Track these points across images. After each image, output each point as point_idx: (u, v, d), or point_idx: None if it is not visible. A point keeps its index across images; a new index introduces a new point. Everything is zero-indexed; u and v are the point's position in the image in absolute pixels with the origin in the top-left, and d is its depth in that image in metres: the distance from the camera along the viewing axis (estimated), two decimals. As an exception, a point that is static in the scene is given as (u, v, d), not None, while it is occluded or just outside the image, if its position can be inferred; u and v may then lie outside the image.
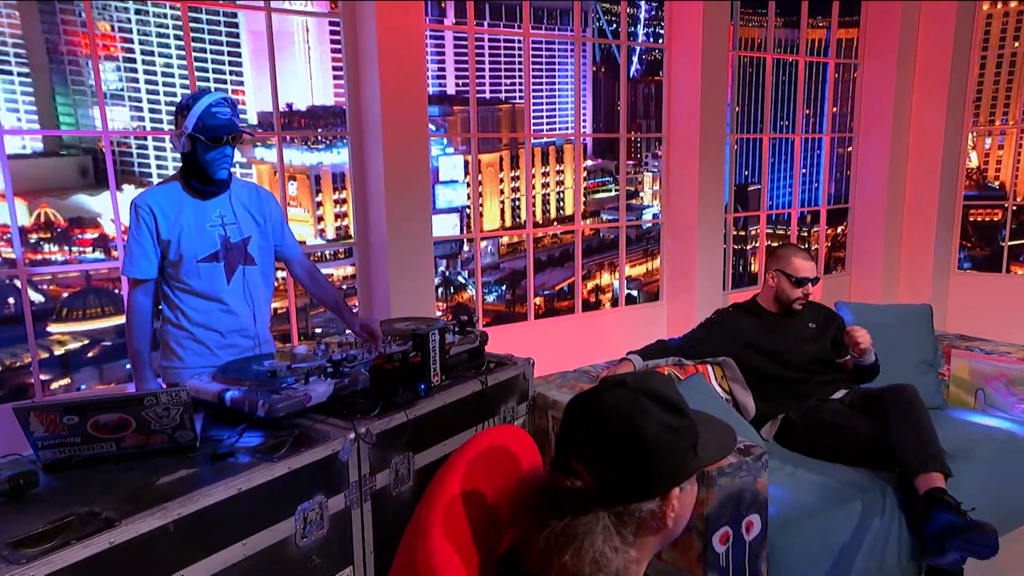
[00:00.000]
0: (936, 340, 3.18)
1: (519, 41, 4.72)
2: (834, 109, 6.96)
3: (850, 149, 6.58)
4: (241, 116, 2.15)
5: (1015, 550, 2.58)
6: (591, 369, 2.72)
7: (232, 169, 2.19)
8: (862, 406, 2.54)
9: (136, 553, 1.23)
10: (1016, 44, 5.88)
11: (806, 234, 6.96)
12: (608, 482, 0.90)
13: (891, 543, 2.24)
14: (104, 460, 1.51)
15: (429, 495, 0.99)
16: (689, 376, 2.77)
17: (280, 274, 2.66)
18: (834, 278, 6.68)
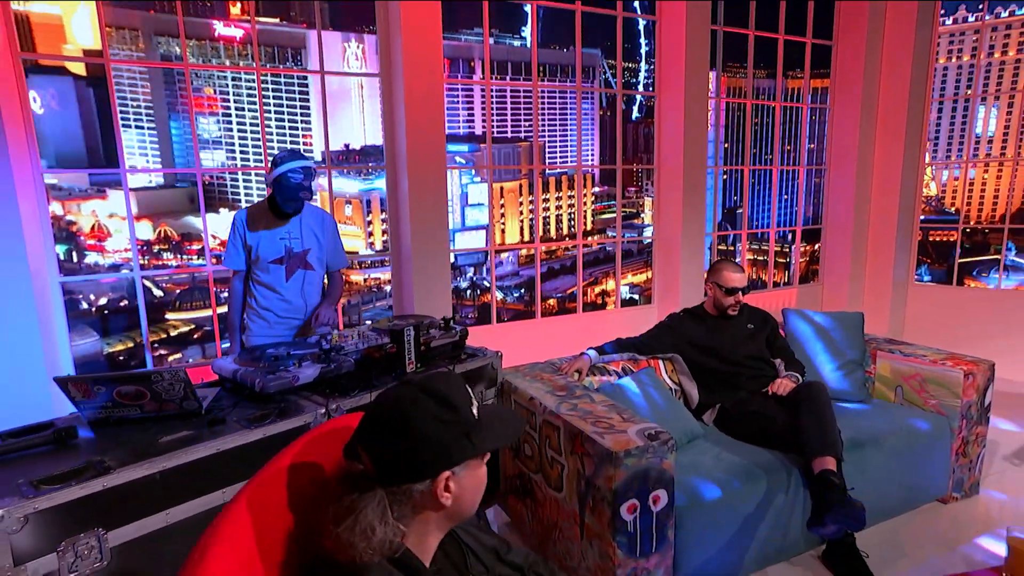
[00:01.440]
0: (865, 342, 3.04)
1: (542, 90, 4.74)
2: (811, 145, 6.75)
3: (824, 179, 6.42)
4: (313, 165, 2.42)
5: (912, 526, 2.46)
6: (557, 361, 2.70)
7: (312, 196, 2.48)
8: (782, 399, 2.46)
9: (127, 493, 1.31)
10: (968, 91, 5.60)
11: (788, 249, 6.81)
12: (383, 466, 0.88)
13: (795, 516, 2.16)
14: (132, 421, 1.60)
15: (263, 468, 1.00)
16: (641, 369, 2.73)
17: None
18: (809, 287, 6.45)
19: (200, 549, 0.84)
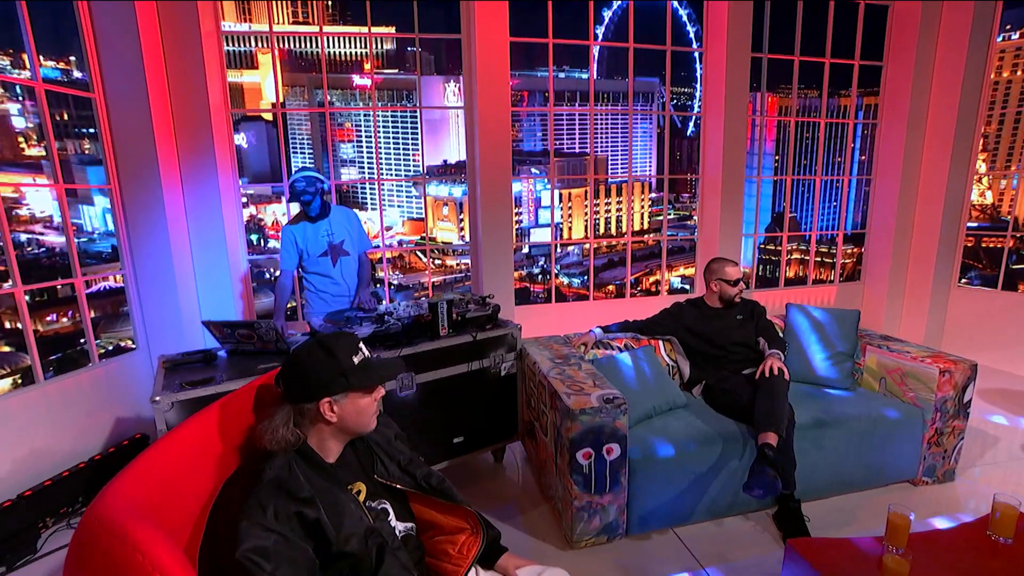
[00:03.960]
0: (858, 337, 2.77)
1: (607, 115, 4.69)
2: (862, 157, 6.01)
3: (871, 187, 5.70)
4: (323, 184, 2.52)
5: (875, 501, 2.25)
6: (571, 336, 2.76)
7: (327, 199, 2.60)
8: (754, 380, 2.35)
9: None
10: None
11: (834, 251, 6.30)
12: (287, 390, 1.06)
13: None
14: (249, 353, 1.96)
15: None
16: (642, 346, 2.71)
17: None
18: (851, 285, 5.83)
19: (181, 425, 1.09)
